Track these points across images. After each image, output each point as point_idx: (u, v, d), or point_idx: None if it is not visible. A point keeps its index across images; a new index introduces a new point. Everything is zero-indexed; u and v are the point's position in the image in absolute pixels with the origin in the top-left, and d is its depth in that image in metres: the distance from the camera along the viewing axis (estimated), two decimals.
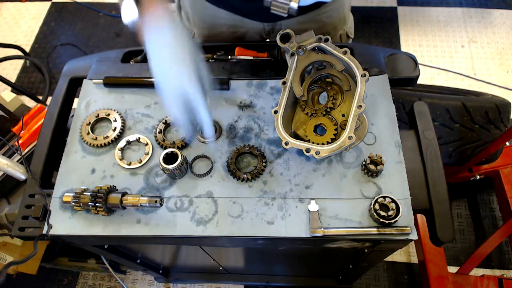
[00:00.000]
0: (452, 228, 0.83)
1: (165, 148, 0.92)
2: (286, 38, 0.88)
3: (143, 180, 0.90)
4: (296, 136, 0.88)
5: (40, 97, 2.23)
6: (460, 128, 1.59)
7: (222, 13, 1.08)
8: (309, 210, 0.83)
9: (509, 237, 1.70)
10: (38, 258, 1.76)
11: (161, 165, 0.83)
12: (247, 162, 0.92)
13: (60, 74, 1.09)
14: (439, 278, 1.66)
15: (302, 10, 1.05)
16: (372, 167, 0.84)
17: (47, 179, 0.95)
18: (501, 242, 1.75)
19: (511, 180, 1.79)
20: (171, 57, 0.68)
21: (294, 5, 0.81)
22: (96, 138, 0.95)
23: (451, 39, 2.69)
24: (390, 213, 0.80)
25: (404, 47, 2.65)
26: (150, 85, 1.02)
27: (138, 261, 1.42)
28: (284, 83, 0.86)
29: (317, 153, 0.83)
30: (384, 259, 1.91)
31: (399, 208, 0.80)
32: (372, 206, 0.81)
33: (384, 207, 0.81)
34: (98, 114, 0.98)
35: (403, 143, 0.90)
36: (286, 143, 0.85)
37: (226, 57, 1.07)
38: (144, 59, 1.10)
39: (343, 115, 0.87)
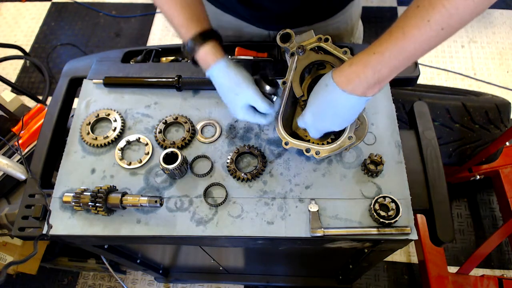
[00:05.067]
0: (452, 228, 0.83)
1: (165, 148, 0.92)
2: (286, 38, 0.88)
3: (143, 180, 0.90)
4: (296, 136, 0.87)
5: (40, 97, 2.22)
6: (460, 128, 1.59)
7: (228, 18, 1.08)
8: (309, 210, 0.83)
9: (509, 237, 1.70)
10: (38, 258, 1.76)
11: (161, 165, 0.83)
12: (247, 162, 0.92)
13: (60, 74, 1.09)
14: (439, 278, 1.66)
15: (308, 20, 1.05)
16: (372, 167, 0.84)
17: (47, 179, 0.95)
18: (501, 242, 1.75)
19: (511, 180, 1.79)
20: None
21: None
22: (96, 138, 0.95)
23: (451, 39, 2.69)
24: (390, 213, 0.80)
25: None
26: (150, 85, 1.02)
27: (138, 261, 1.42)
28: (284, 83, 0.86)
29: (317, 153, 0.83)
30: (384, 259, 1.91)
31: (399, 208, 0.80)
32: (372, 206, 0.81)
33: (384, 207, 0.81)
34: (98, 114, 0.98)
35: (403, 143, 0.90)
36: (286, 143, 0.85)
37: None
38: (144, 59, 1.10)
39: None
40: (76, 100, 1.05)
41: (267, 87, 0.81)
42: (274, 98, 0.84)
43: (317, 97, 0.76)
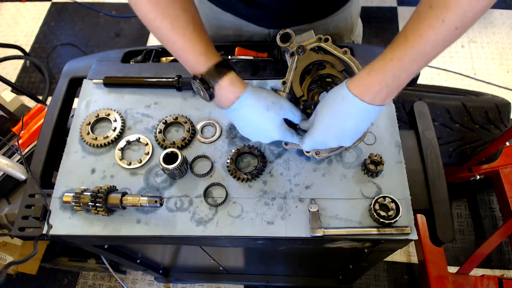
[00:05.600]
0: (452, 228, 0.83)
1: (165, 148, 0.92)
2: (286, 38, 0.87)
3: (143, 180, 0.90)
4: None
5: (40, 97, 2.22)
6: (460, 128, 1.59)
7: (228, 17, 1.08)
8: (309, 210, 0.83)
9: (509, 237, 1.70)
10: (38, 258, 1.76)
11: (161, 165, 0.83)
12: (247, 162, 0.92)
13: (60, 74, 1.09)
14: (439, 278, 1.66)
15: (308, 18, 1.05)
16: (372, 167, 0.84)
17: (47, 179, 0.95)
18: (501, 242, 1.75)
19: (511, 180, 1.79)
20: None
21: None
22: (96, 138, 0.95)
23: None
24: (390, 213, 0.80)
25: None
26: (150, 85, 1.02)
27: (138, 261, 1.42)
28: (284, 83, 0.86)
29: (317, 153, 0.83)
30: (384, 259, 1.91)
31: (399, 208, 0.80)
32: (372, 206, 0.81)
33: (384, 207, 0.81)
34: (98, 114, 0.98)
35: (403, 143, 0.90)
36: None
37: (226, 57, 1.07)
38: (144, 59, 1.10)
39: None
40: (76, 100, 1.05)
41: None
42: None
43: (333, 113, 0.71)
